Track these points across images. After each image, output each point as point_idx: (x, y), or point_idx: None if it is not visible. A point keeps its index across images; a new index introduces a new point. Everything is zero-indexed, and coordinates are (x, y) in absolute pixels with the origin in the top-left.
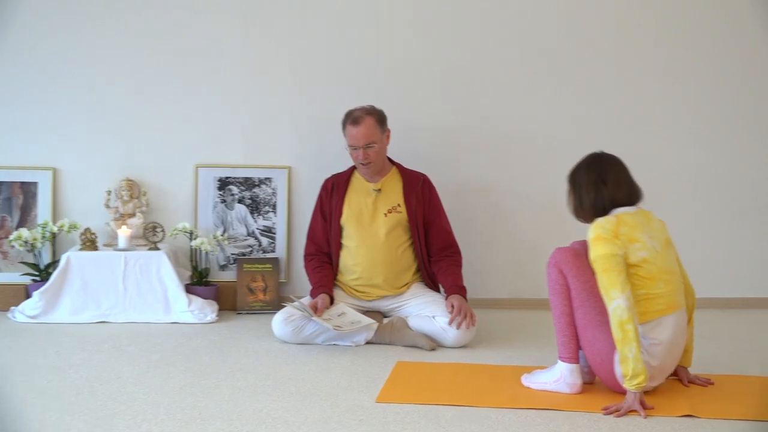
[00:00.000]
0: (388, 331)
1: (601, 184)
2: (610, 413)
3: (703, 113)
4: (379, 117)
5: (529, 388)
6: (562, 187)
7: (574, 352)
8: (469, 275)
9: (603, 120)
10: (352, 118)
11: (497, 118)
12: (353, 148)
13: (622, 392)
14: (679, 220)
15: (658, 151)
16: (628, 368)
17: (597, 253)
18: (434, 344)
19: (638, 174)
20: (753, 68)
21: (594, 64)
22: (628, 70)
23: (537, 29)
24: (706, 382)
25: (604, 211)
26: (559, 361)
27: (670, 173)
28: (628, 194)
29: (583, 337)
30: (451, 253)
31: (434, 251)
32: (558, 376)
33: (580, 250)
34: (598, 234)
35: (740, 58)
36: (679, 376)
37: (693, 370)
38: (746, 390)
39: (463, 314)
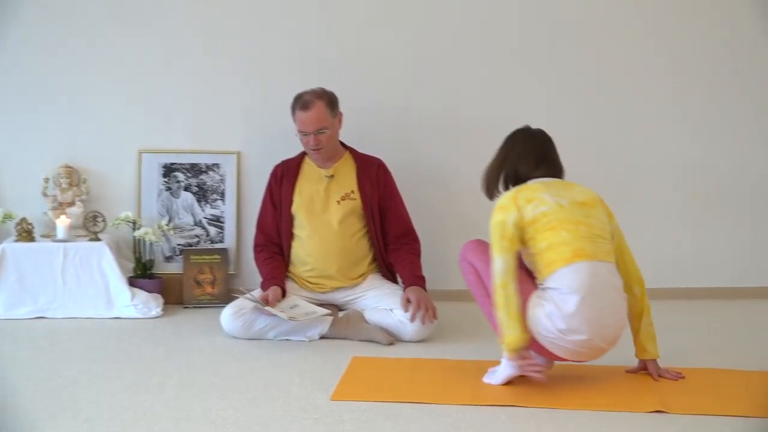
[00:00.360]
0: (343, 324)
1: (507, 158)
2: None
3: (682, 103)
4: (329, 100)
5: (490, 384)
6: None
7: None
8: (427, 266)
9: (566, 104)
10: (301, 103)
11: (457, 100)
12: (303, 133)
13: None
14: (656, 212)
15: (627, 139)
16: (502, 332)
17: (491, 222)
18: (392, 338)
19: (603, 161)
20: (736, 62)
21: (557, 47)
22: (597, 54)
23: (498, 10)
24: (676, 376)
25: (505, 185)
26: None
27: (633, 160)
28: (535, 167)
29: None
30: (409, 240)
31: (391, 239)
32: (505, 361)
33: (485, 241)
34: (497, 205)
35: (724, 53)
36: (649, 370)
37: (663, 362)
38: (718, 384)
39: (423, 308)
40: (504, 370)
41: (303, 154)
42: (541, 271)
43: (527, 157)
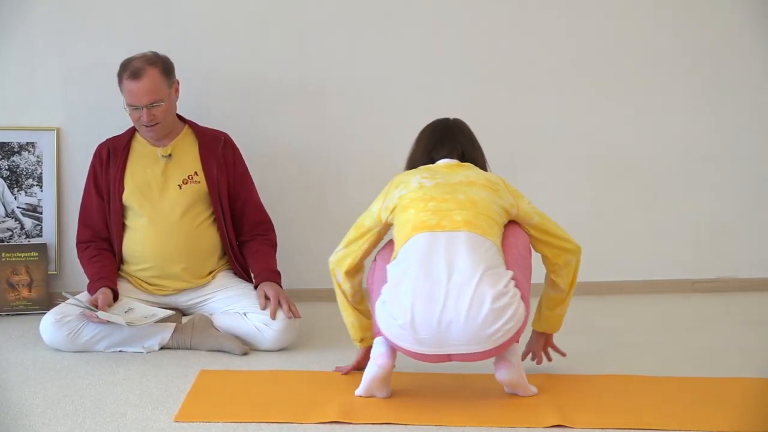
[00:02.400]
0: (188, 332)
1: (409, 156)
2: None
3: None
4: (164, 67)
5: (361, 396)
6: (398, 148)
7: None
8: (282, 262)
9: (443, 71)
10: (130, 71)
11: (314, 63)
12: (133, 107)
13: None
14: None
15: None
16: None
17: None
18: (246, 347)
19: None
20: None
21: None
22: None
23: None
24: (562, 353)
25: None
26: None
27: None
28: (427, 156)
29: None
30: (264, 230)
31: (245, 229)
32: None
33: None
34: None
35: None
36: (535, 340)
37: (566, 369)
38: (625, 393)
39: (285, 302)
40: (368, 370)
41: (133, 130)
42: (393, 257)
43: (422, 148)
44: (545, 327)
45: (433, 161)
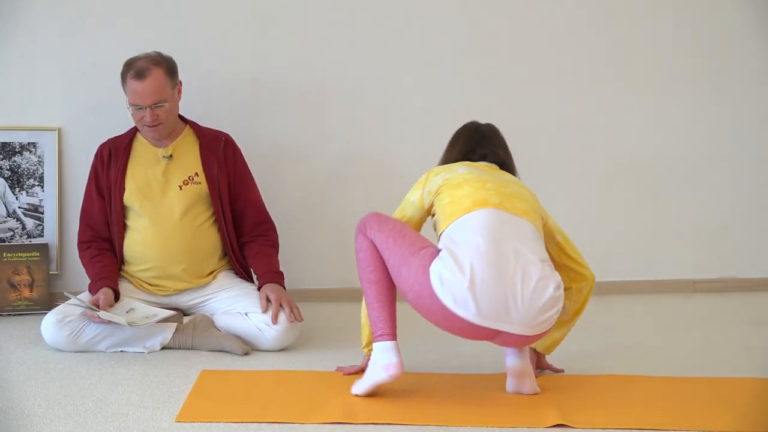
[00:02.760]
0: (189, 332)
1: (442, 159)
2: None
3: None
4: (168, 67)
5: (358, 395)
6: (399, 148)
7: (387, 326)
8: (283, 263)
9: (442, 70)
10: (135, 71)
11: (314, 63)
12: (137, 107)
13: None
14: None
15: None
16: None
17: None
18: (248, 347)
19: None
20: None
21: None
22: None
23: None
24: (557, 371)
25: None
26: (374, 344)
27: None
28: (465, 155)
29: (398, 283)
30: (265, 231)
31: (246, 230)
32: (372, 363)
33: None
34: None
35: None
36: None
37: (567, 368)
38: (625, 393)
39: (287, 305)
40: (372, 372)
41: (134, 130)
42: (440, 227)
43: (459, 149)
44: (540, 346)
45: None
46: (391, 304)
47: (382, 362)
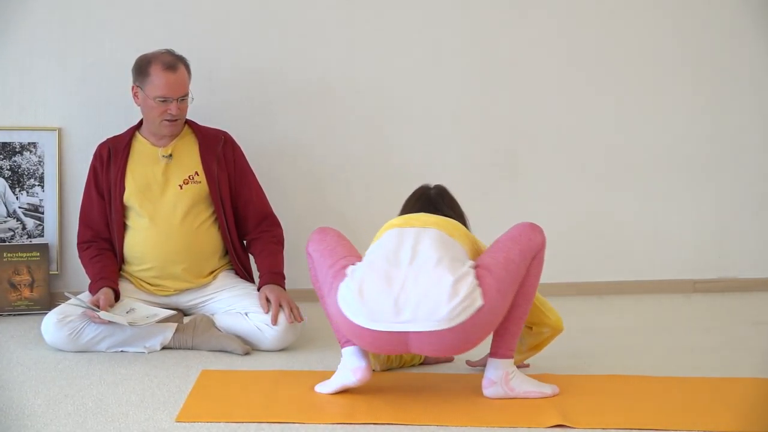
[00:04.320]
0: (189, 332)
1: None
2: None
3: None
4: (187, 64)
5: (324, 393)
6: (400, 147)
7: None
8: (285, 262)
9: (444, 70)
10: (164, 64)
11: (315, 63)
12: (163, 99)
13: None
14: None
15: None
16: None
17: None
18: (248, 347)
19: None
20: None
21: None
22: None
23: None
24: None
25: None
26: (342, 350)
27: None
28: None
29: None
30: (269, 226)
31: (250, 227)
32: (341, 367)
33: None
34: None
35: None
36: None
37: (565, 368)
38: (626, 393)
39: (286, 306)
40: (341, 375)
41: (133, 130)
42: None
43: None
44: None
45: None
46: None
47: (351, 366)
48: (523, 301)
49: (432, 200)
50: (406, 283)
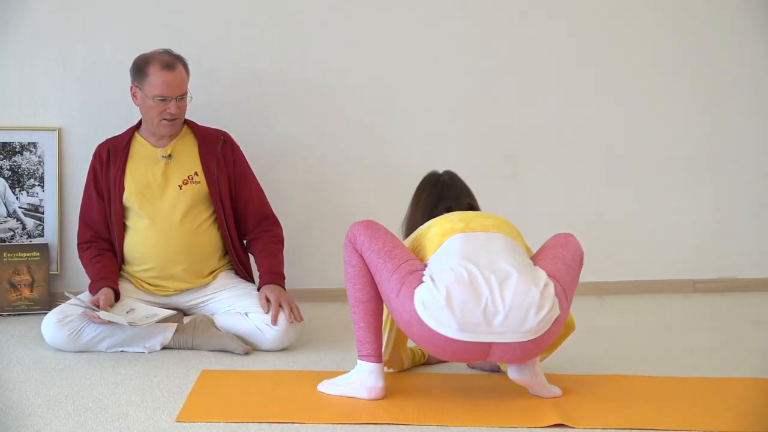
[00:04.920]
0: (189, 332)
1: (409, 216)
2: None
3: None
4: (185, 64)
5: (330, 395)
6: (401, 147)
7: (373, 347)
8: (285, 262)
9: (444, 70)
10: (163, 63)
11: (316, 63)
12: (162, 99)
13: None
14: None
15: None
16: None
17: None
18: (248, 347)
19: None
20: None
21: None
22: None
23: None
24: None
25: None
26: (359, 360)
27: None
28: (430, 214)
29: (388, 308)
30: (269, 226)
31: (250, 227)
32: (355, 377)
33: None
34: None
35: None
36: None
37: (569, 368)
38: (626, 393)
39: (286, 306)
40: (352, 387)
41: (132, 130)
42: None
43: (423, 209)
44: None
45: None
46: (377, 325)
47: (367, 383)
48: None
49: (450, 187)
50: (494, 294)
